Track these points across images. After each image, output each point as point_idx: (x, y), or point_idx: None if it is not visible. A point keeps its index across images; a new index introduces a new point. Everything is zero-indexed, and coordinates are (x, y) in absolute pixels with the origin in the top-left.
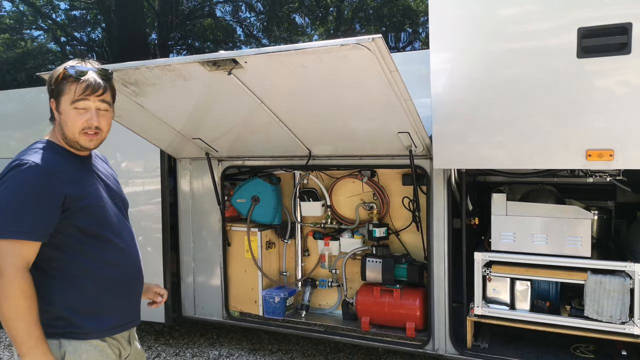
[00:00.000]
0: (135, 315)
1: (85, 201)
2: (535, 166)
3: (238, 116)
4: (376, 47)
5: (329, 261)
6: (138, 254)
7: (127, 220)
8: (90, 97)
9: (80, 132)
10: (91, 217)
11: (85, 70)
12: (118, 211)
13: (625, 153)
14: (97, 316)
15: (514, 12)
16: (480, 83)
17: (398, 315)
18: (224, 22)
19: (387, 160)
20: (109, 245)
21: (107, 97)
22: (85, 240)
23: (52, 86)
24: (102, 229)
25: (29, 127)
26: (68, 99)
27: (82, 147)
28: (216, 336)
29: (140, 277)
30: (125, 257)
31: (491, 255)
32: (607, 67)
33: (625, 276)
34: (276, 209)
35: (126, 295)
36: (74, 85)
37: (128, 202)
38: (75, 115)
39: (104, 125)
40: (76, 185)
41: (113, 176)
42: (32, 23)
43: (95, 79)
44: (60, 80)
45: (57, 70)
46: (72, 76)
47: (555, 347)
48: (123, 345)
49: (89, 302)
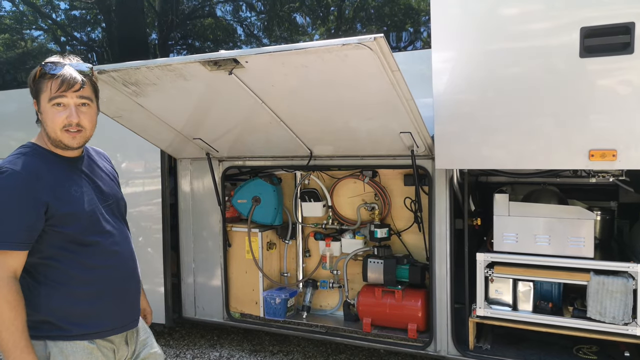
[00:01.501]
0: (130, 317)
1: (69, 207)
2: (538, 166)
3: (239, 116)
4: (378, 47)
5: (330, 262)
6: (132, 255)
7: (121, 221)
8: (67, 93)
9: (62, 130)
10: (76, 223)
11: (61, 65)
12: (111, 213)
13: (628, 153)
14: (85, 320)
15: (516, 11)
16: (482, 83)
17: (400, 316)
18: (224, 21)
19: (389, 161)
20: (97, 249)
21: (86, 92)
22: (71, 246)
23: (32, 86)
24: (89, 234)
25: (29, 127)
26: (46, 97)
27: (66, 145)
28: (217, 337)
29: (134, 279)
30: (116, 260)
31: (493, 256)
32: (609, 66)
33: (628, 277)
34: (277, 210)
35: (117, 298)
36: (50, 82)
37: (125, 202)
38: (54, 113)
39: (85, 122)
40: (59, 191)
41: (110, 176)
42: (32, 23)
43: (71, 74)
44: (38, 79)
45: (35, 69)
46: (48, 73)
47: (558, 348)
48: (118, 347)
49: (76, 307)
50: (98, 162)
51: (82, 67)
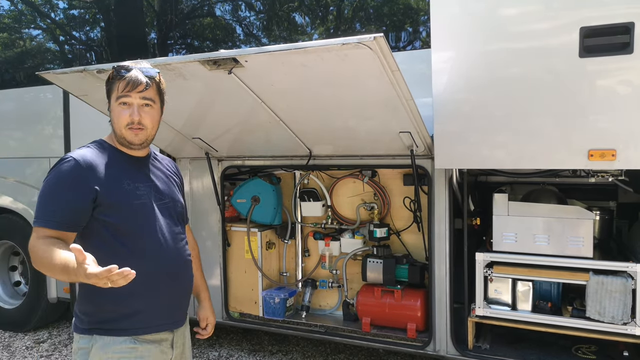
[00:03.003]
0: (173, 317)
1: (116, 198)
2: (537, 166)
3: (238, 115)
4: (378, 46)
5: (330, 262)
6: (181, 256)
7: (176, 222)
8: (132, 94)
9: (126, 128)
10: (121, 214)
11: (130, 68)
12: (166, 212)
13: (628, 153)
14: (126, 315)
15: (515, 11)
16: (481, 83)
17: (399, 316)
18: (223, 21)
19: (388, 160)
20: (141, 243)
21: (150, 94)
22: (114, 237)
23: (106, 87)
24: (135, 227)
25: (28, 127)
26: (114, 97)
27: (129, 142)
28: (216, 337)
29: (179, 281)
30: (160, 256)
31: (493, 255)
32: (609, 66)
33: (627, 277)
34: (276, 209)
35: (159, 295)
36: (119, 83)
37: (183, 205)
38: (120, 112)
39: (146, 121)
40: (111, 181)
41: (171, 179)
42: (30, 22)
43: (137, 76)
44: (111, 80)
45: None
46: (117, 75)
47: (557, 348)
48: (164, 350)
49: (117, 300)
50: (162, 165)
51: (150, 71)
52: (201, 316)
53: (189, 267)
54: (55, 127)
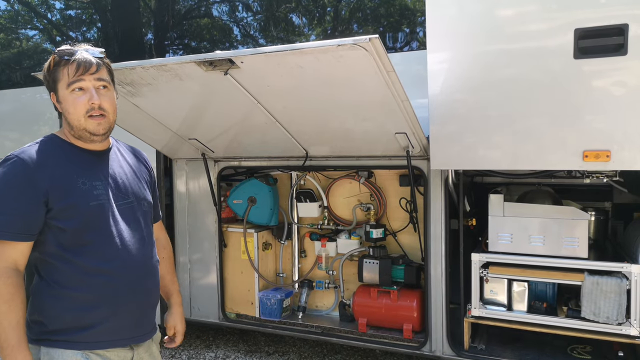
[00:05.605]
0: (133, 332)
1: (71, 199)
2: (533, 167)
3: (234, 116)
4: (373, 48)
5: (326, 262)
6: (145, 262)
7: (140, 223)
8: (85, 76)
9: (86, 117)
10: (77, 218)
11: (74, 51)
12: (128, 213)
13: (622, 154)
14: (79, 328)
15: (511, 12)
16: (477, 84)
17: (395, 316)
18: (220, 22)
19: (384, 161)
20: (98, 250)
21: (103, 74)
22: (70, 244)
23: (47, 79)
24: (91, 231)
25: (24, 128)
26: (64, 85)
27: (92, 133)
28: (212, 338)
29: (144, 289)
30: (120, 265)
31: (488, 256)
32: (603, 68)
33: (622, 277)
34: (273, 210)
35: (116, 307)
36: (66, 68)
37: (150, 203)
38: (75, 99)
39: (107, 105)
40: (64, 181)
41: (139, 174)
42: (27, 22)
43: (86, 57)
44: (53, 68)
45: (47, 60)
46: (62, 59)
47: (552, 348)
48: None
49: (70, 312)
50: (127, 159)
51: (95, 51)
52: (169, 324)
53: (155, 275)
54: (51, 128)
